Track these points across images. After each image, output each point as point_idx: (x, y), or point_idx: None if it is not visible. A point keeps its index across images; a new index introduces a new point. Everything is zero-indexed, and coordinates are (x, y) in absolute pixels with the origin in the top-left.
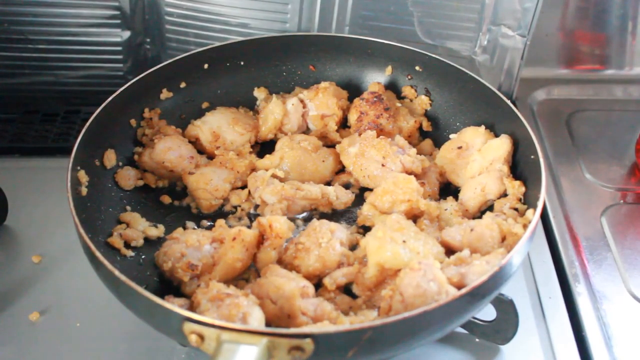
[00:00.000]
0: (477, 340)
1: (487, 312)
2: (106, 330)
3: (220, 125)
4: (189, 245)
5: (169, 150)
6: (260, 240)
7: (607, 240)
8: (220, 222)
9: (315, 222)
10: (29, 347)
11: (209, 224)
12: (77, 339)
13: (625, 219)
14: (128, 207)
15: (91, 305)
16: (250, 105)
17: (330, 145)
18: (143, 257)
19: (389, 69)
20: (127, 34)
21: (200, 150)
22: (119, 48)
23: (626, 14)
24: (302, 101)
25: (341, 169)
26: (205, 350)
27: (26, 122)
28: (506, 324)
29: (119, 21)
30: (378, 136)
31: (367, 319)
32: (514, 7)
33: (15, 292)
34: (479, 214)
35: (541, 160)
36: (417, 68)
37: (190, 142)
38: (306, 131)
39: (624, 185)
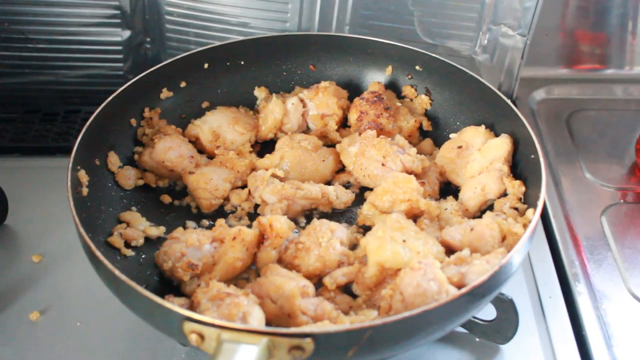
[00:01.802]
0: (477, 339)
1: (487, 312)
2: (106, 330)
3: (220, 125)
4: (189, 245)
5: (169, 149)
6: (261, 239)
7: (607, 240)
8: (221, 221)
9: (315, 222)
10: (29, 346)
11: (209, 223)
12: (77, 338)
13: (626, 218)
14: (128, 207)
15: (91, 304)
16: (251, 104)
17: (331, 144)
18: (143, 256)
19: (389, 68)
20: (127, 33)
21: (201, 150)
22: (119, 47)
23: (626, 13)
24: (302, 101)
25: (341, 169)
26: (206, 349)
27: (26, 122)
28: (506, 323)
29: (119, 21)
30: (378, 136)
31: (367, 318)
32: (514, 6)
33: (15, 291)
34: (479, 214)
35: (541, 159)
36: (417, 67)
37: (190, 141)
38: (306, 131)
39: (624, 184)
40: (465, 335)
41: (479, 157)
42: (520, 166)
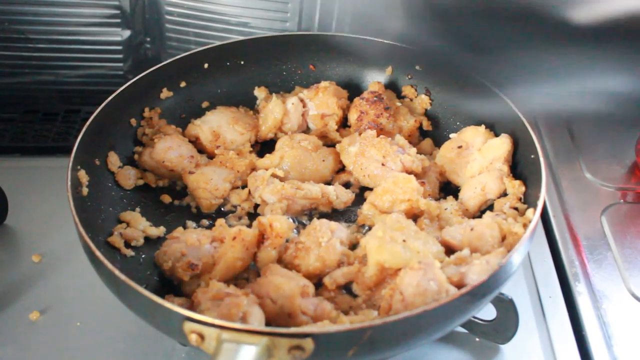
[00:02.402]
0: (477, 339)
1: (487, 312)
2: (106, 330)
3: (220, 125)
4: (189, 245)
5: (169, 149)
6: (261, 239)
7: (607, 240)
8: (221, 221)
9: (315, 222)
10: (29, 346)
11: (209, 223)
12: (77, 338)
13: (626, 218)
14: (128, 207)
15: (91, 304)
16: (251, 104)
17: (331, 144)
18: (143, 256)
19: (389, 68)
20: (127, 33)
21: (201, 150)
22: (119, 47)
23: None
24: (302, 100)
25: (341, 168)
26: (206, 349)
27: (26, 122)
28: (506, 323)
29: (119, 20)
30: (378, 135)
31: (367, 318)
32: None
33: (15, 291)
34: (479, 214)
35: (541, 159)
36: (417, 67)
37: (190, 141)
38: (306, 130)
39: (624, 184)
40: (465, 335)
41: (479, 157)
42: (520, 166)
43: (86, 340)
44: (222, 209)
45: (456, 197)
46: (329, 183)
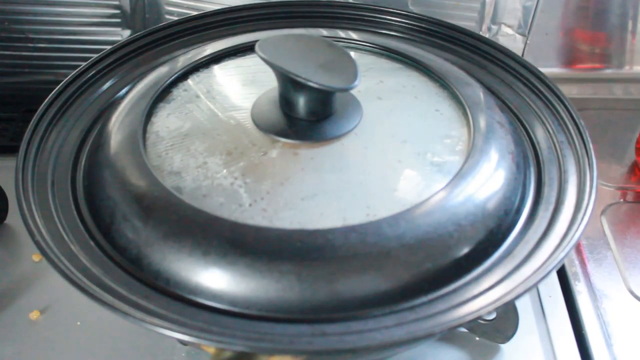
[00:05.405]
0: (477, 339)
1: None
2: (106, 329)
3: None
4: None
5: None
6: None
7: (607, 239)
8: None
9: None
10: (29, 345)
11: None
12: (77, 338)
13: (626, 217)
14: None
15: (91, 304)
16: None
17: None
18: None
19: None
20: (127, 33)
21: None
22: None
23: (626, 13)
24: None
25: None
26: (206, 349)
27: (26, 121)
28: (506, 322)
29: (119, 20)
30: None
31: None
32: (514, 5)
33: (15, 290)
34: None
35: None
36: None
37: None
38: None
39: (624, 184)
40: (465, 334)
41: None
42: None
43: (86, 340)
44: None
45: None
46: None
